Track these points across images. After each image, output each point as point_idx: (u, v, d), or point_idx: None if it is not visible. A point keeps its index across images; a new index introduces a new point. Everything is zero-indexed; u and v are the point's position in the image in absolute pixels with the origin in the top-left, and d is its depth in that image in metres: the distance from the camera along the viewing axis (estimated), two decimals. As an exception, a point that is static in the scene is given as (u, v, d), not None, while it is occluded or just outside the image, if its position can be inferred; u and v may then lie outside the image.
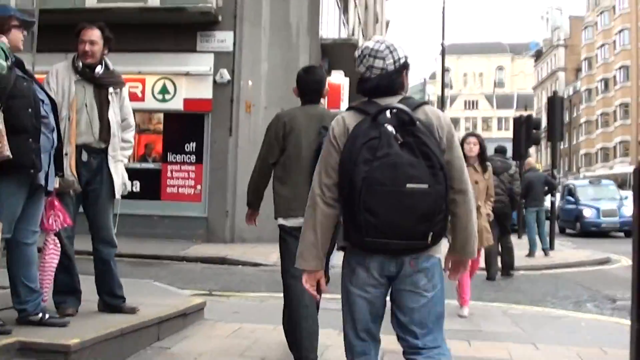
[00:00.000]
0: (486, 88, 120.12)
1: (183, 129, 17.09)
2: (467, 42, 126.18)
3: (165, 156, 17.04)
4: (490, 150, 10.26)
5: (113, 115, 5.81)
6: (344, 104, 18.98)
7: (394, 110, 3.16)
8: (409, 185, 3.03)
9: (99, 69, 5.79)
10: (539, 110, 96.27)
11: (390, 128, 3.11)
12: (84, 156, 5.63)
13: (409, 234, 3.10)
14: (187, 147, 16.91)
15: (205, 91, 16.78)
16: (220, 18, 16.61)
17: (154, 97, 16.93)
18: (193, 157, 16.89)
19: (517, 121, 22.77)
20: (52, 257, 5.24)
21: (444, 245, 3.34)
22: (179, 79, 16.84)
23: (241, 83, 16.98)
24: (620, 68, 74.87)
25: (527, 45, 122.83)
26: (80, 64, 5.75)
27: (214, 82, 16.72)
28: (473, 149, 8.36)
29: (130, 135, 6.15)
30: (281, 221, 5.06)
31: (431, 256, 3.25)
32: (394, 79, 3.32)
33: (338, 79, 18.93)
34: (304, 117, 5.04)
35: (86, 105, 5.68)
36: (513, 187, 11.62)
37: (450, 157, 3.25)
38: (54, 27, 10.55)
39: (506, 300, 9.50)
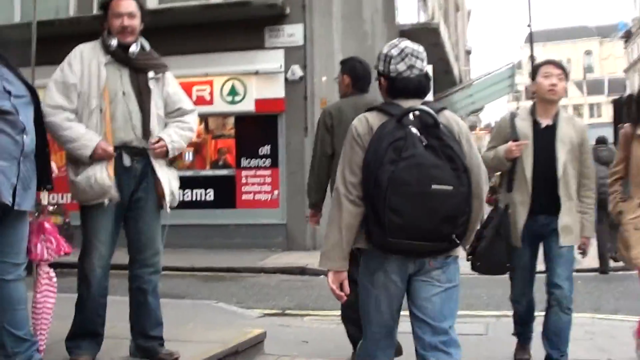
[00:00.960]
0: (575, 74, 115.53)
1: (256, 132, 16.08)
2: (552, 28, 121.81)
3: (238, 161, 16.05)
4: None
5: (154, 107, 4.60)
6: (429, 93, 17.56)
7: (418, 113, 3.19)
8: (434, 187, 3.04)
9: (133, 48, 4.55)
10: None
11: (414, 130, 3.12)
12: (126, 160, 4.46)
13: (432, 235, 3.12)
14: (261, 151, 15.87)
15: (276, 90, 15.71)
16: (288, 10, 15.51)
17: (223, 99, 15.98)
18: (268, 161, 15.84)
19: (618, 103, 20.84)
20: (47, 295, 4.10)
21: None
22: (249, 78, 15.82)
23: (314, 79, 15.84)
24: None
25: (615, 27, 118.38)
26: (115, 42, 4.50)
27: (286, 79, 15.63)
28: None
29: (192, 118, 4.86)
30: None
31: (450, 255, 3.30)
32: (428, 80, 3.40)
33: (419, 67, 17.56)
34: (351, 108, 4.91)
35: (123, 94, 4.49)
36: None
37: (469, 163, 3.24)
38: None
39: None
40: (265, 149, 15.84)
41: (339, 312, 7.89)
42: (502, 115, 5.47)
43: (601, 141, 12.09)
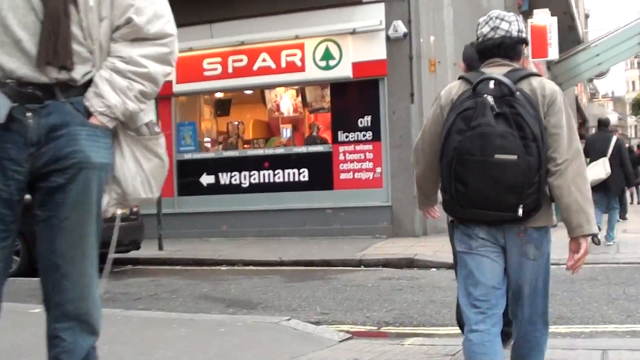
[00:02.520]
0: None
1: (354, 100, 13.97)
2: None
3: (335, 136, 13.96)
4: None
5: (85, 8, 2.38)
6: (553, 49, 14.96)
7: (494, 81, 3.16)
8: (497, 156, 3.03)
9: None
10: None
11: (489, 98, 3.11)
12: (10, 108, 2.33)
13: (497, 205, 3.08)
14: (361, 122, 13.72)
15: (377, 51, 13.50)
16: (387, -43, 13.25)
17: (316, 64, 13.89)
18: (369, 134, 13.67)
19: None
20: None
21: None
22: (344, 39, 13.64)
23: (421, 36, 13.52)
24: None
25: None
26: None
27: (387, 38, 13.40)
28: None
29: (161, 45, 2.51)
30: None
31: (540, 227, 3.22)
32: (516, 42, 3.35)
33: (542, 19, 14.96)
34: None
35: None
36: None
37: (549, 126, 3.15)
38: None
39: None
40: (366, 120, 13.69)
41: (451, 328, 5.78)
42: None
43: None
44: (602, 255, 10.16)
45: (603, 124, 12.32)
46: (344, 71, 13.64)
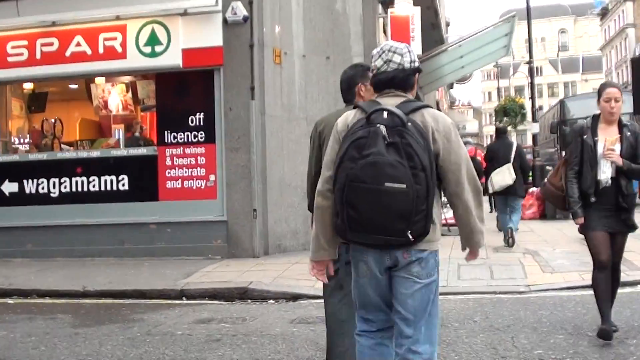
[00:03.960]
0: (549, 53, 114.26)
1: (184, 94, 11.74)
2: (525, 7, 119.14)
3: (161, 136, 11.68)
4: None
5: None
6: (416, 44, 13.35)
7: (387, 112, 3.29)
8: (387, 184, 3.15)
9: None
10: (608, 72, 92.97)
11: (382, 128, 3.23)
12: None
13: (387, 230, 3.22)
14: (192, 121, 11.52)
15: (212, 36, 11.33)
16: None
17: (140, 51, 11.53)
18: (202, 135, 11.49)
19: (638, 62, 16.72)
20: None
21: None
22: (173, 21, 11.36)
23: (264, 22, 11.50)
24: None
25: (589, 5, 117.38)
26: None
27: (224, 21, 11.29)
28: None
29: None
30: None
31: (424, 250, 3.36)
32: (408, 75, 3.49)
33: (404, 9, 13.32)
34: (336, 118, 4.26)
35: None
36: None
37: (443, 161, 3.34)
38: None
39: None
40: (198, 119, 11.50)
41: None
42: None
43: None
44: (474, 282, 8.48)
45: (502, 131, 12.70)
46: (172, 59, 11.37)
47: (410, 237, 3.20)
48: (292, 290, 8.53)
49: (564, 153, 11.71)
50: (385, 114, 3.27)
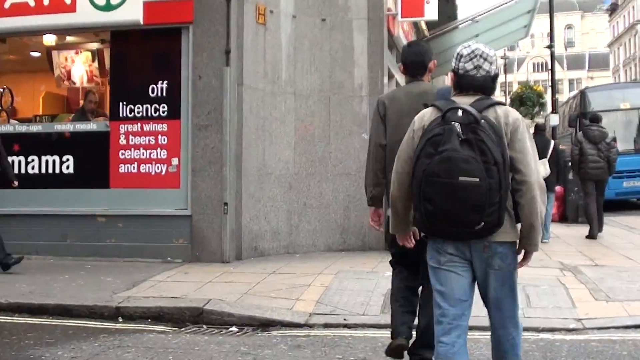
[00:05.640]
0: (555, 49, 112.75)
1: (145, 57, 9.62)
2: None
3: (114, 109, 9.51)
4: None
5: None
6: (432, 7, 11.17)
7: (462, 110, 3.42)
8: (461, 178, 3.29)
9: None
10: (616, 69, 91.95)
11: (457, 125, 3.37)
12: None
13: (462, 221, 3.35)
14: (153, 91, 9.36)
15: (181, -13, 9.15)
16: None
17: (92, 2, 9.38)
18: (164, 108, 9.34)
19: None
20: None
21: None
22: (134, -34, 9.19)
23: (246, -31, 9.33)
24: None
25: (597, 1, 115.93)
26: None
27: (196, -31, 9.08)
28: None
29: None
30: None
31: (504, 242, 3.50)
32: (494, 82, 3.68)
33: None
34: (404, 95, 4.81)
35: None
36: (610, 155, 11.99)
37: (513, 152, 3.45)
38: None
39: None
40: (160, 88, 9.38)
41: None
42: None
43: (595, 119, 12.65)
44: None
45: (541, 128, 12.73)
46: (130, 13, 9.20)
47: (483, 227, 3.34)
48: (263, 314, 6.36)
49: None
50: (460, 112, 3.42)
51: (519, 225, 3.55)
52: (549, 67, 27.43)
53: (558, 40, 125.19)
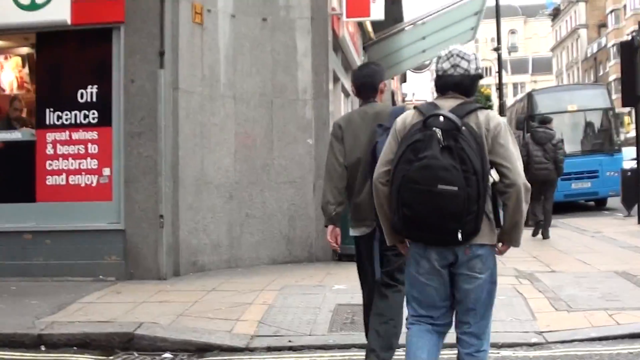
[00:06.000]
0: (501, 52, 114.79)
1: (73, 60, 8.98)
2: None
3: (41, 116, 8.87)
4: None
5: None
6: (378, 7, 10.81)
7: (443, 116, 3.45)
8: (440, 186, 3.32)
9: None
10: (559, 72, 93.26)
11: (438, 132, 3.40)
12: None
13: (440, 229, 3.42)
14: (82, 96, 8.75)
15: (110, -15, 8.58)
16: None
17: (16, 2, 8.73)
18: (93, 115, 8.73)
19: (627, 47, 14.48)
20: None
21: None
22: (59, -37, 8.58)
23: (180, -33, 8.78)
24: (654, 15, 67.27)
25: (540, 6, 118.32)
26: None
27: (127, -35, 8.51)
28: None
29: None
30: (351, 232, 4.77)
31: (484, 245, 3.54)
32: (473, 81, 3.70)
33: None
34: (359, 117, 4.83)
35: None
36: (557, 156, 12.20)
37: (497, 158, 3.49)
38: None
39: None
40: (89, 93, 8.75)
41: None
42: None
43: (544, 121, 12.86)
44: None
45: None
46: (57, 13, 8.58)
47: (460, 237, 3.38)
48: (199, 338, 5.82)
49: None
50: (441, 118, 3.43)
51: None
52: (496, 70, 27.83)
53: (502, 45, 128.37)
